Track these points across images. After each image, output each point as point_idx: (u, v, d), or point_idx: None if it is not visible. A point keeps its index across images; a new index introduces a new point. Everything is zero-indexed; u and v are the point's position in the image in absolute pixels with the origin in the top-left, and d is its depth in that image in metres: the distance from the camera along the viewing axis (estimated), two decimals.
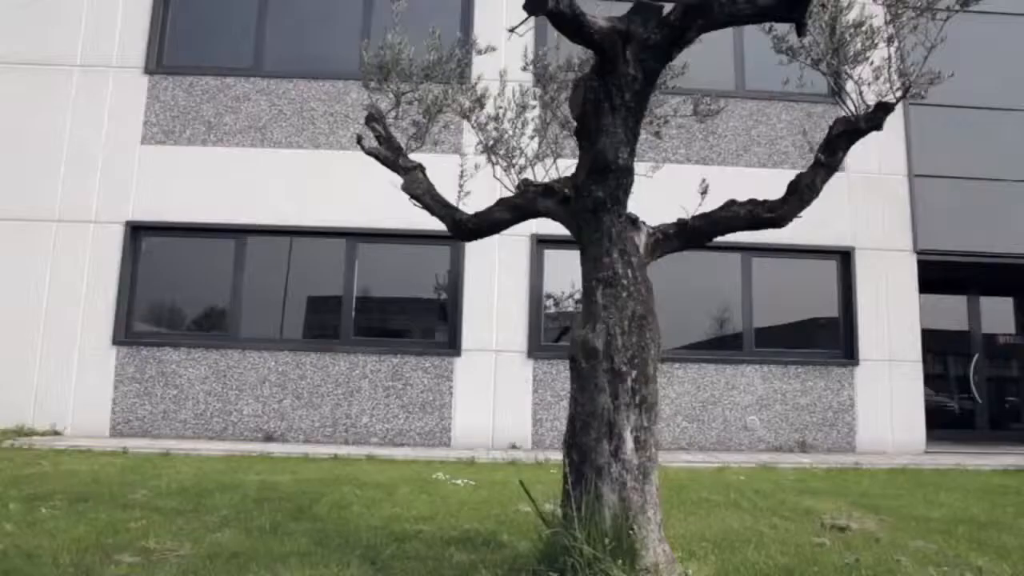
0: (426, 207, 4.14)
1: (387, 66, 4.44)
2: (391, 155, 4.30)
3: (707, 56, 9.61)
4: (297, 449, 7.83)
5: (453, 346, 8.98)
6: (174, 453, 7.25)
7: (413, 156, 4.43)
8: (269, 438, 8.56)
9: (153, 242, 9.24)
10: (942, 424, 10.83)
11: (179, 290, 9.31)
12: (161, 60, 9.56)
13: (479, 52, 4.51)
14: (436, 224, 4.31)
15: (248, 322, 9.06)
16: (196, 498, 4.91)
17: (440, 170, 5.33)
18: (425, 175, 4.25)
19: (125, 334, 8.86)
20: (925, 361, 9.67)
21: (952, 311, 11.74)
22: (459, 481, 5.94)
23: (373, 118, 4.43)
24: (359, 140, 4.49)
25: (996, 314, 12.07)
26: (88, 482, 5.43)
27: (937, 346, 11.32)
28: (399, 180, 4.32)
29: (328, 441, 8.59)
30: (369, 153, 4.39)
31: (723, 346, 9.54)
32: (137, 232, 9.12)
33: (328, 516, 4.49)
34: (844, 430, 9.22)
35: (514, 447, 8.64)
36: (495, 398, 8.84)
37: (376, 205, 8.86)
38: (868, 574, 3.48)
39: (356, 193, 9.04)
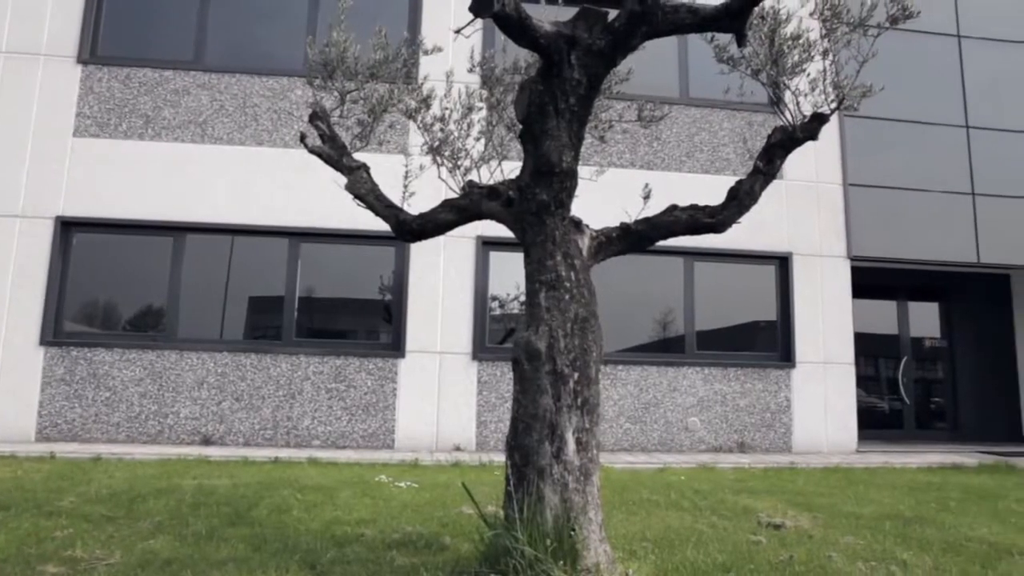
0: (370, 207, 4.10)
1: (332, 64, 4.38)
2: (335, 154, 4.25)
3: (653, 63, 9.79)
4: (236, 452, 7.64)
5: (397, 348, 8.91)
6: (105, 458, 7.00)
7: (358, 155, 4.39)
8: (207, 441, 8.34)
9: (85, 239, 8.90)
10: (872, 424, 11.24)
11: (113, 289, 8.99)
12: (96, 50, 9.22)
13: (426, 52, 4.49)
14: (381, 224, 4.27)
15: (186, 322, 8.81)
16: (128, 504, 4.75)
17: (385, 170, 5.29)
18: (369, 175, 4.21)
19: (54, 334, 8.51)
20: (857, 364, 10.02)
21: (882, 315, 12.21)
22: (402, 483, 5.89)
23: (317, 116, 4.37)
24: (303, 138, 4.43)
25: (923, 319, 12.59)
26: (10, 489, 5.20)
27: (868, 349, 11.74)
28: (343, 179, 4.26)
29: (269, 444, 8.42)
30: (312, 152, 4.33)
31: (666, 349, 9.70)
32: (68, 228, 8.77)
33: (267, 520, 4.40)
34: (781, 431, 9.48)
35: (458, 449, 8.62)
36: (439, 400, 8.80)
37: (320, 204, 8.74)
38: (801, 570, 3.58)
39: (300, 192, 8.89)
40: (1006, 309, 12.57)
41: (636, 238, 3.57)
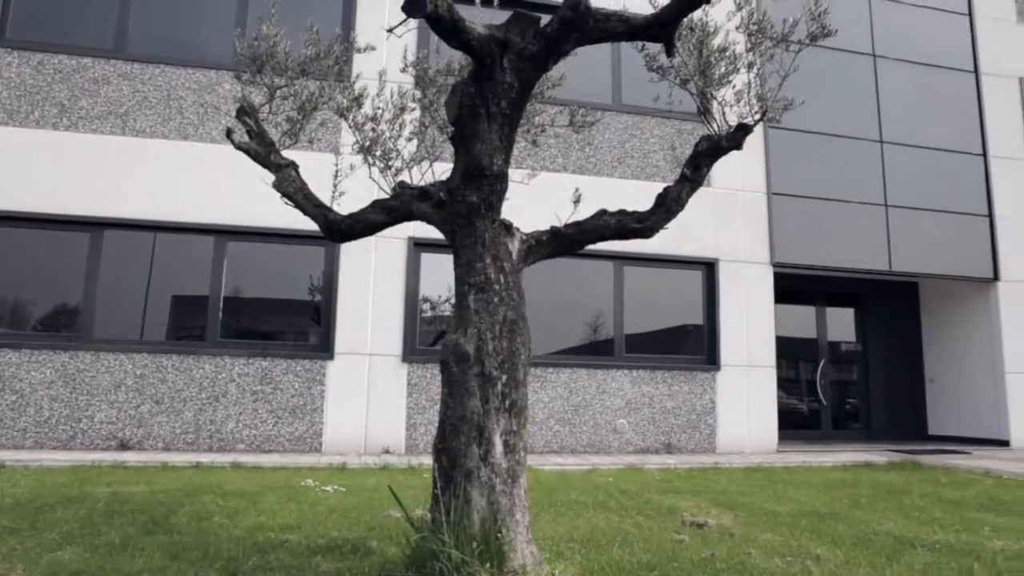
0: (298, 206, 4.02)
1: (261, 58, 4.28)
2: (263, 151, 4.14)
3: (586, 69, 9.93)
4: (155, 458, 7.36)
5: (326, 349, 8.75)
6: (10, 465, 6.62)
7: (287, 153, 4.29)
8: (124, 446, 8.00)
9: None
10: (792, 425, 11.69)
11: (23, 287, 8.52)
12: (4, 32, 8.74)
13: (358, 50, 4.44)
14: (310, 224, 4.19)
15: (103, 322, 8.43)
16: (34, 514, 4.50)
17: (316, 169, 5.20)
18: (298, 173, 4.13)
19: None
20: (779, 366, 10.40)
21: (802, 320, 12.71)
22: (329, 487, 5.78)
23: (245, 111, 4.26)
24: (229, 134, 4.31)
25: (840, 323, 13.17)
26: None
27: (789, 352, 12.20)
28: (272, 177, 4.16)
29: (190, 449, 8.14)
30: (239, 148, 4.22)
31: (595, 352, 9.84)
32: None
33: (186, 528, 4.25)
34: (706, 432, 9.73)
35: (387, 452, 8.53)
36: (369, 402, 8.69)
37: (247, 202, 8.51)
38: (722, 567, 3.68)
39: (226, 189, 8.64)
40: (915, 315, 13.28)
41: (566, 242, 3.61)
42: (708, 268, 10.26)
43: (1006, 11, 12.76)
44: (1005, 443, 11.15)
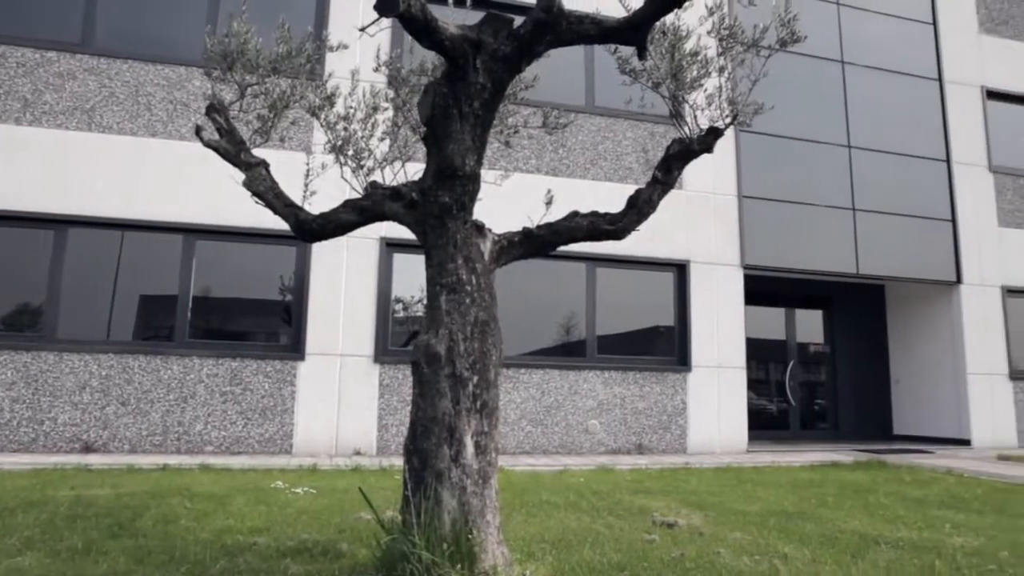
0: (269, 205, 3.97)
1: (232, 55, 4.22)
2: (233, 149, 4.09)
3: (560, 71, 9.96)
4: (121, 460, 7.23)
5: (297, 350, 8.67)
6: None
7: (258, 151, 4.24)
8: (88, 449, 7.85)
9: None
10: (762, 425, 11.84)
11: None
12: None
13: (331, 49, 4.40)
14: (281, 223, 4.14)
15: (67, 322, 8.26)
16: None
17: (287, 168, 5.15)
18: (269, 172, 4.08)
19: None
20: (748, 368, 10.52)
21: (772, 322, 12.88)
22: (299, 489, 5.73)
23: (215, 109, 4.20)
24: (198, 131, 4.24)
25: (809, 325, 13.37)
26: None
27: (759, 354, 12.36)
28: (242, 176, 4.11)
29: (157, 451, 8.01)
30: (208, 146, 4.16)
31: (567, 353, 9.87)
32: None
33: (152, 531, 4.18)
34: (677, 432, 9.81)
35: (358, 453, 8.47)
36: (340, 403, 8.63)
37: (217, 201, 8.41)
38: (691, 567, 3.71)
39: (196, 187, 8.52)
40: (881, 317, 13.53)
41: (538, 243, 3.62)
42: (679, 270, 10.35)
43: (969, 21, 13.05)
44: (966, 442, 11.40)
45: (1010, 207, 12.54)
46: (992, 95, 12.84)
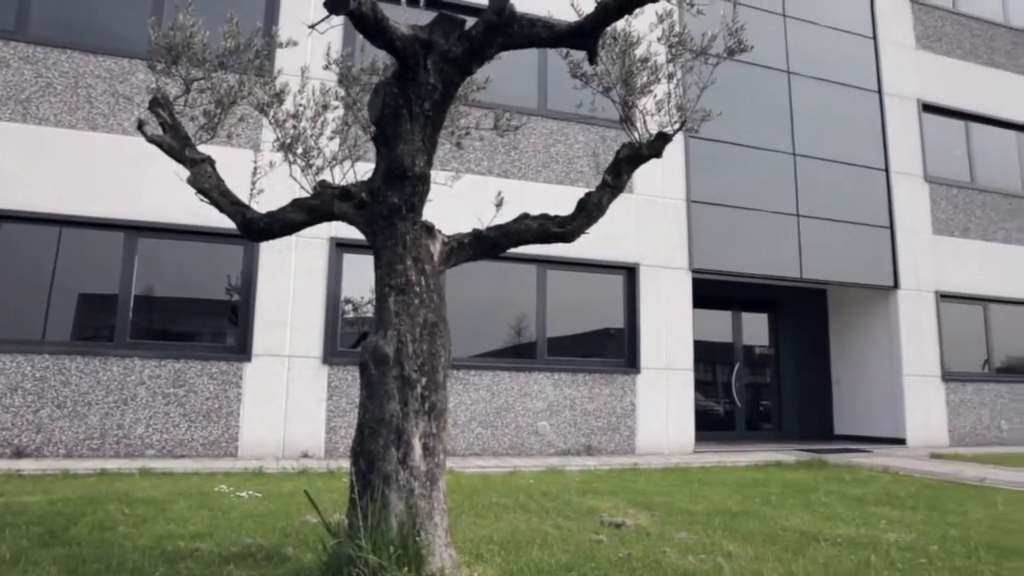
0: (214, 203, 3.88)
1: (177, 49, 4.11)
2: (177, 145, 3.99)
3: (513, 73, 9.99)
4: (55, 465, 6.97)
5: (243, 351, 8.49)
6: None
7: (204, 148, 4.14)
8: (20, 454, 7.55)
9: None
10: (709, 426, 12.06)
11: None
12: None
13: (280, 45, 4.33)
14: (228, 222, 4.05)
15: None
16: None
17: (235, 165, 5.06)
18: (215, 169, 3.99)
19: None
20: (696, 369, 10.70)
21: (719, 325, 13.14)
22: (244, 493, 5.62)
23: (158, 103, 4.08)
24: (140, 126, 4.12)
25: (754, 328, 13.68)
26: None
27: (706, 356, 12.59)
28: (187, 172, 4.01)
29: (95, 455, 7.74)
30: (151, 141, 4.04)
31: (518, 354, 9.89)
32: None
33: (87, 539, 4.04)
34: (626, 433, 9.93)
35: (306, 456, 8.34)
36: (287, 405, 8.48)
37: (161, 198, 8.18)
38: (638, 566, 3.75)
39: (139, 183, 8.28)
40: (823, 320, 13.92)
41: (488, 245, 3.62)
42: (629, 273, 10.47)
43: (906, 37, 13.56)
44: (902, 441, 11.81)
45: (943, 216, 13.05)
46: (927, 108, 13.37)
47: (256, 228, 3.72)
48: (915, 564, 3.89)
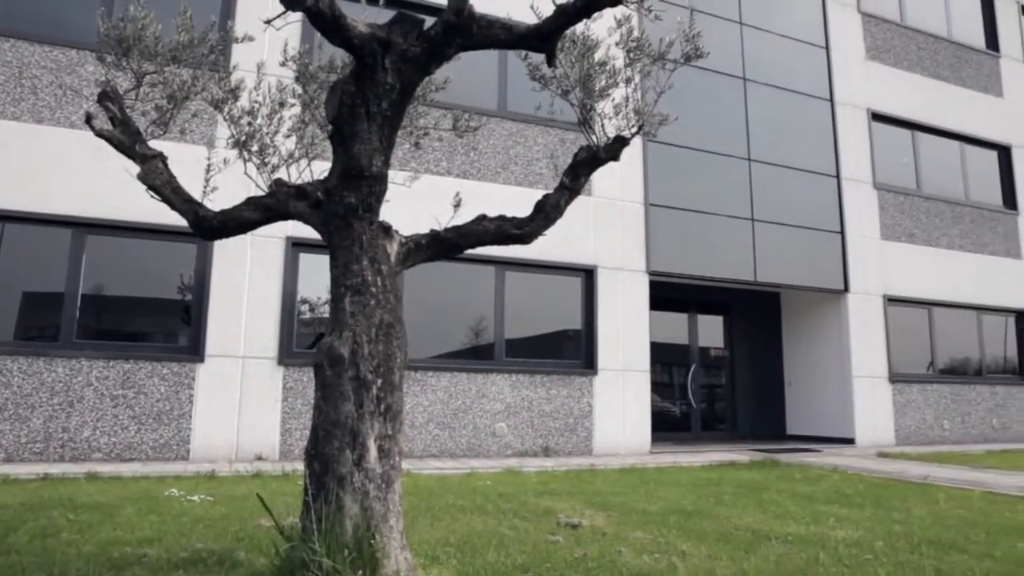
0: (166, 200, 3.80)
1: (128, 41, 4.01)
2: (127, 140, 3.89)
3: (473, 74, 9.98)
4: None
5: (196, 351, 8.31)
6: None
7: (156, 144, 4.05)
8: None
9: None
10: (665, 427, 12.21)
11: None
12: None
13: (236, 40, 4.26)
14: (181, 220, 3.96)
15: None
16: None
17: (188, 162, 4.95)
18: (166, 165, 3.90)
19: None
20: (652, 371, 10.82)
21: (675, 327, 13.32)
22: (195, 497, 5.49)
23: (108, 96, 3.98)
24: (89, 119, 4.01)
25: (710, 330, 13.89)
26: None
27: (662, 357, 12.75)
28: (137, 168, 3.91)
29: (38, 459, 7.50)
30: (100, 135, 3.93)
31: (476, 356, 9.89)
32: None
33: (28, 547, 3.90)
34: (583, 434, 9.99)
35: (260, 458, 8.21)
36: (241, 407, 8.33)
37: (111, 194, 7.97)
38: (593, 566, 3.78)
39: (87, 179, 8.05)
40: (776, 323, 14.21)
41: (445, 246, 3.61)
42: (587, 275, 10.55)
43: (857, 48, 13.94)
44: (851, 441, 12.13)
45: (891, 222, 13.44)
46: (877, 117, 13.77)
47: (209, 226, 3.65)
48: (861, 560, 3.99)
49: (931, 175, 14.32)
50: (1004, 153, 15.35)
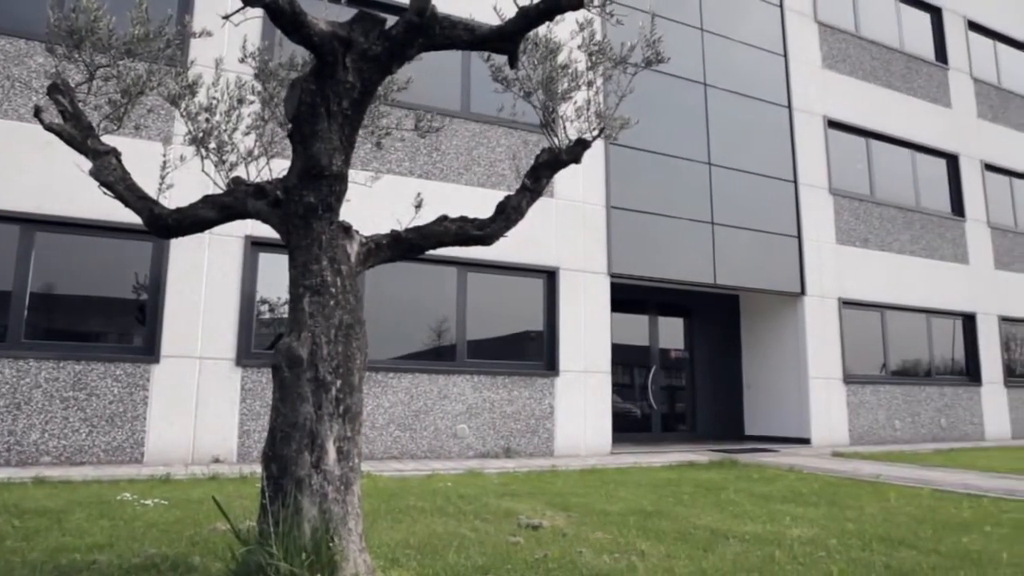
0: (119, 197, 3.70)
1: (80, 33, 3.90)
2: (79, 135, 3.78)
3: (437, 74, 9.96)
4: None
5: (151, 352, 8.13)
6: None
7: (109, 139, 3.95)
8: None
9: None
10: (625, 428, 12.32)
11: None
12: None
13: (194, 35, 4.17)
14: (136, 217, 3.87)
15: None
16: None
17: (144, 158, 4.85)
18: (120, 161, 3.80)
19: None
20: (614, 372, 10.91)
21: (636, 328, 13.45)
22: (149, 501, 5.37)
23: (58, 89, 3.86)
24: (38, 112, 3.89)
25: (670, 332, 14.06)
26: None
27: (624, 359, 12.86)
28: (89, 164, 3.81)
29: None
30: (50, 129, 3.82)
31: (437, 357, 9.85)
32: None
33: None
34: (545, 435, 10.02)
35: (218, 461, 8.06)
36: (198, 409, 8.17)
37: (61, 190, 7.76)
38: (554, 567, 3.79)
39: (37, 174, 7.81)
40: (735, 325, 14.45)
41: (406, 246, 3.58)
42: (549, 276, 10.58)
43: (814, 56, 14.25)
44: (807, 441, 12.38)
45: (846, 227, 13.77)
46: (832, 124, 14.09)
47: (164, 224, 3.57)
48: (816, 558, 4.07)
49: (884, 182, 14.72)
50: (952, 161, 15.85)
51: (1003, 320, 15.55)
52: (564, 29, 3.88)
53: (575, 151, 3.90)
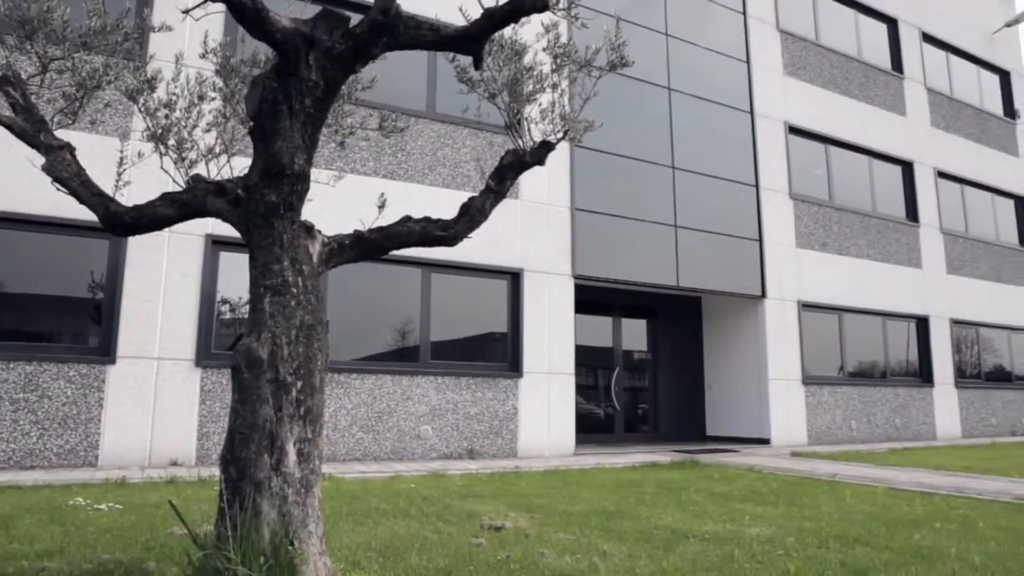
0: (74, 194, 3.61)
1: (32, 23, 3.79)
2: (30, 129, 3.67)
3: (403, 73, 9.90)
4: None
5: (106, 352, 7.94)
6: None
7: (64, 133, 3.84)
8: None
9: None
10: (589, 429, 12.39)
11: None
12: None
13: (153, 29, 4.09)
14: (92, 214, 3.78)
15: None
16: None
17: (101, 154, 4.74)
18: (75, 157, 3.70)
19: None
20: (577, 373, 10.96)
21: (600, 330, 13.54)
22: (103, 506, 5.24)
23: (8, 81, 3.75)
24: None
25: (634, 334, 14.18)
26: None
27: (587, 360, 12.93)
28: (41, 159, 3.71)
29: None
30: (1, 123, 3.71)
31: (401, 358, 9.79)
32: None
33: None
34: (508, 437, 10.03)
35: (176, 464, 7.90)
36: (155, 410, 8.00)
37: (11, 185, 7.53)
38: (516, 568, 3.79)
39: None
40: (698, 327, 14.63)
41: (369, 247, 3.56)
42: (514, 278, 10.60)
43: (775, 63, 14.52)
44: (767, 441, 12.59)
45: (806, 231, 14.04)
46: (793, 130, 14.37)
47: (121, 222, 3.49)
48: (774, 556, 4.14)
49: (842, 187, 15.05)
50: (907, 168, 16.28)
51: (954, 323, 16.02)
52: (530, 31, 3.90)
53: (539, 153, 3.92)
